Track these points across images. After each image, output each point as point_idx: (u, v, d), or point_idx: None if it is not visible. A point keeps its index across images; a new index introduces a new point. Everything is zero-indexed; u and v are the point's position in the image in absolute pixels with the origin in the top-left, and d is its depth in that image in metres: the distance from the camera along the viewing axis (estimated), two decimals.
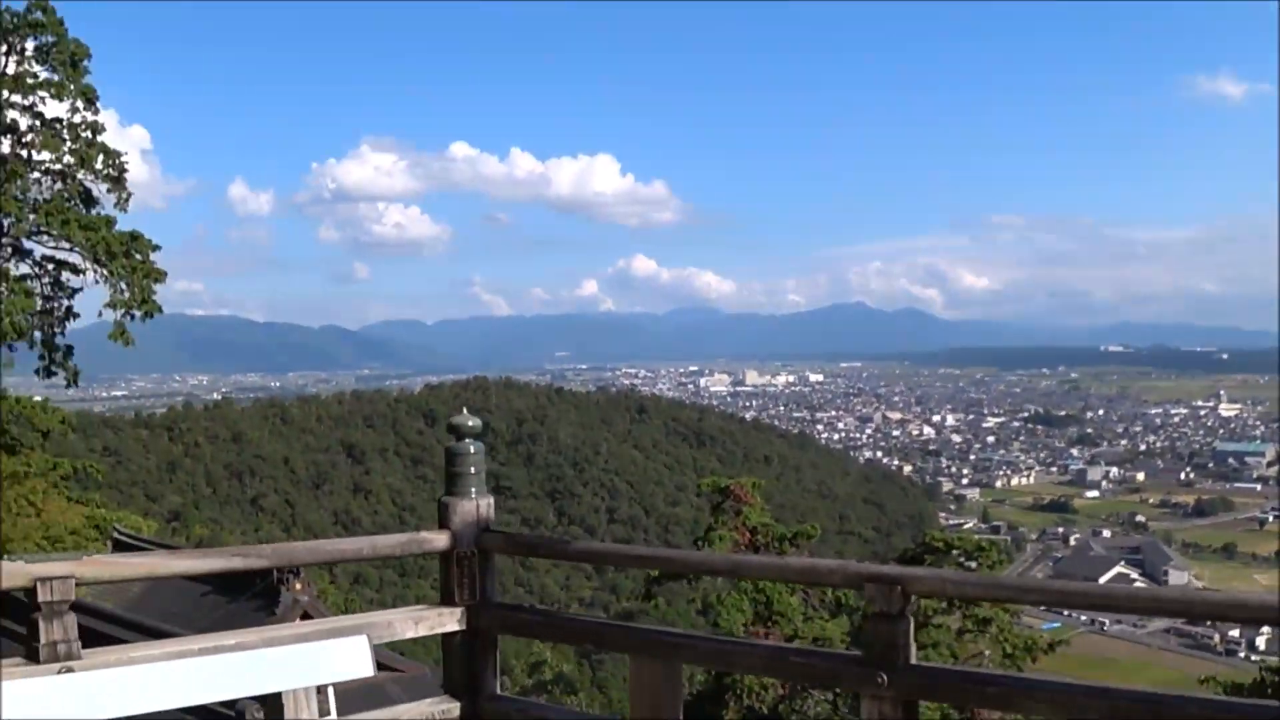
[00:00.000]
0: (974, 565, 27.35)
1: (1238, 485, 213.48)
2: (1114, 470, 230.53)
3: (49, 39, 37.60)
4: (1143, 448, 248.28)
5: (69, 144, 37.94)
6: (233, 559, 7.01)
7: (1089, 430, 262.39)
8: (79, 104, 38.29)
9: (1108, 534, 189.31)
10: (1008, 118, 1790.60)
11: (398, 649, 22.39)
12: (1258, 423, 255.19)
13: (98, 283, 38.35)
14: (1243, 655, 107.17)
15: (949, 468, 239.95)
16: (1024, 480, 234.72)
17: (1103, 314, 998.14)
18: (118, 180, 38.89)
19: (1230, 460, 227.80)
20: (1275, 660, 26.27)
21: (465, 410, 7.75)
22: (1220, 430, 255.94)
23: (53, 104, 37.85)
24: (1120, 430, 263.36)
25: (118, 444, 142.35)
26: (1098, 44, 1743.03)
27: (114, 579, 6.38)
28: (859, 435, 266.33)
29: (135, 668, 5.37)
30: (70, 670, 5.37)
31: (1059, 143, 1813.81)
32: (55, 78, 37.95)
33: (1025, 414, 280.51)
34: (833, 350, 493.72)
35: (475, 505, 7.59)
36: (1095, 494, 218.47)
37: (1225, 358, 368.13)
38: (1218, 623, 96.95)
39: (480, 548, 7.59)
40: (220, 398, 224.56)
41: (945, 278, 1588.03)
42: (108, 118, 39.57)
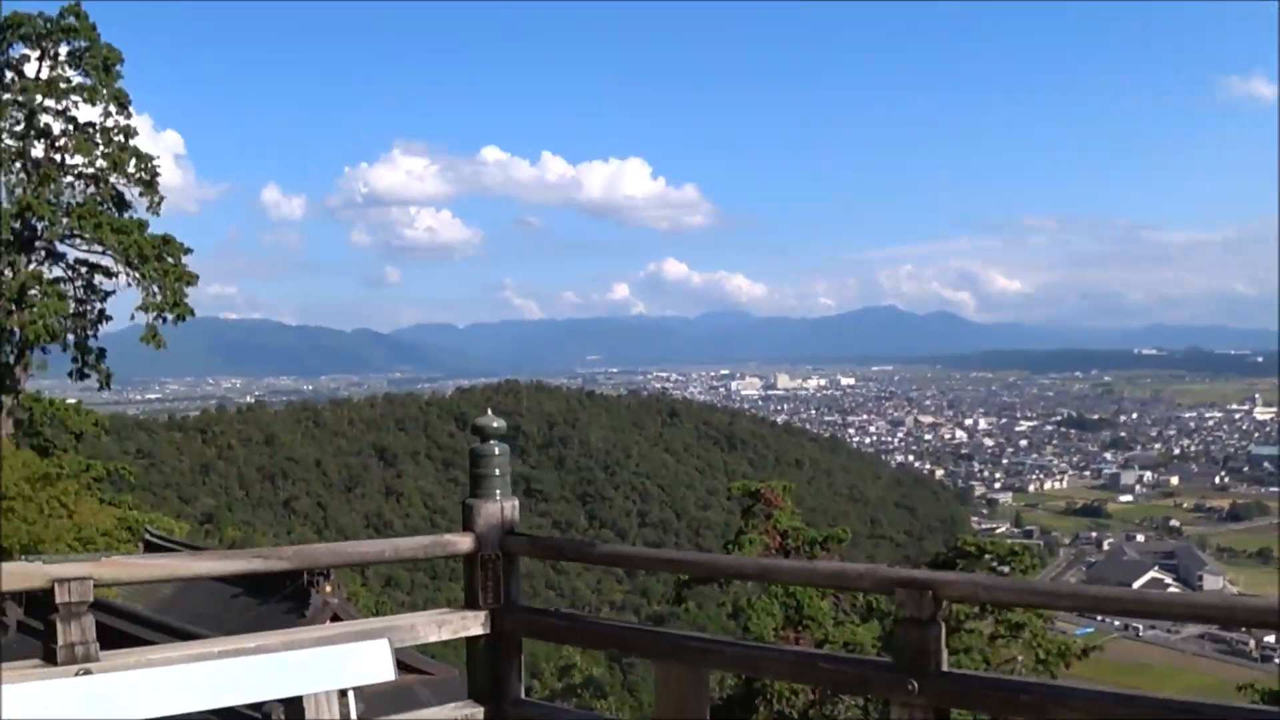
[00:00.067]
0: (1007, 570, 27.17)
1: (1273, 489, 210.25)
2: (1148, 474, 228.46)
3: (82, 44, 37.92)
4: (1177, 451, 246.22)
5: (101, 148, 38.23)
6: (253, 561, 6.95)
7: (1122, 434, 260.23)
8: (111, 108, 38.62)
9: (1141, 539, 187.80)
10: (1040, 120, 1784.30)
11: (428, 651, 22.34)
12: None
13: (130, 286, 38.68)
14: (1278, 661, 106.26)
15: (981, 472, 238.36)
16: (1057, 484, 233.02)
17: (1136, 316, 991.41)
18: (150, 184, 39.16)
19: (1265, 464, 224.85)
20: None
21: (490, 411, 7.69)
22: (1255, 434, 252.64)
23: (85, 108, 38.20)
24: (1154, 434, 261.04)
25: (151, 446, 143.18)
26: (1132, 46, 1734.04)
27: (132, 580, 6.35)
28: (890, 439, 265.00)
29: (153, 670, 5.33)
30: (88, 672, 5.33)
31: (1092, 145, 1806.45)
32: (88, 82, 38.28)
33: (1058, 418, 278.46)
34: (864, 353, 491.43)
35: (500, 507, 7.53)
36: (1129, 498, 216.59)
37: (1260, 360, 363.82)
38: (1253, 629, 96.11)
39: (505, 551, 7.52)
40: (253, 401, 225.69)
41: (977, 280, 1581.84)
42: (141, 123, 39.95)
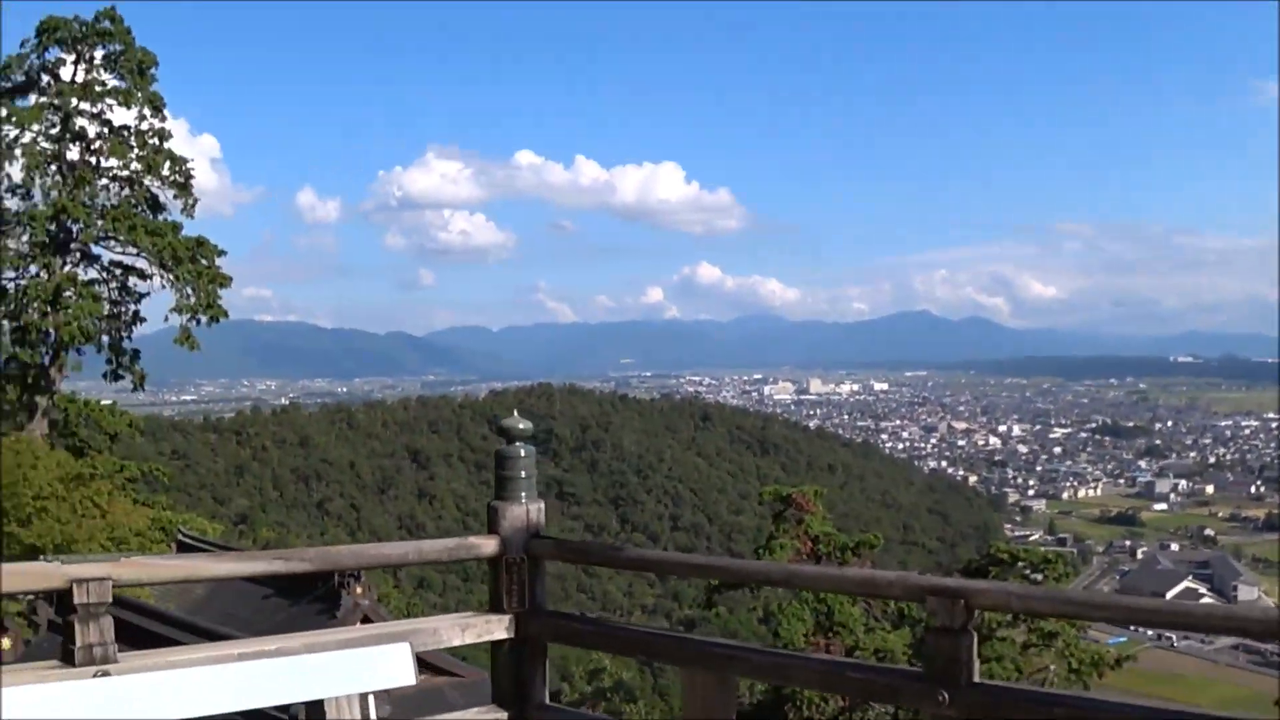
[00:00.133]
0: (1040, 578, 26.95)
1: None
2: (1183, 483, 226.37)
3: (116, 48, 38.22)
4: (1212, 460, 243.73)
5: (136, 150, 38.51)
6: (274, 562, 6.90)
7: (1157, 442, 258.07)
8: (146, 111, 38.91)
9: (1176, 547, 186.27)
10: (1075, 125, 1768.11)
11: (459, 653, 22.30)
12: None
13: (164, 288, 38.98)
14: None
15: (1015, 478, 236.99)
16: (1091, 492, 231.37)
17: (1171, 323, 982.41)
18: (184, 186, 39.42)
19: None
20: None
21: (515, 413, 7.61)
22: None
23: (120, 111, 38.51)
24: (1189, 442, 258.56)
25: (186, 447, 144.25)
26: (1168, 50, 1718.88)
27: (152, 581, 6.33)
28: (924, 445, 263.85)
29: (172, 672, 5.28)
30: (106, 674, 5.28)
31: (1127, 150, 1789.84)
32: (123, 85, 38.58)
33: (1092, 425, 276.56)
34: (898, 359, 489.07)
35: (525, 510, 7.45)
36: (1163, 507, 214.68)
37: None
38: None
39: (530, 554, 7.44)
40: (288, 403, 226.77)
41: (1012, 286, 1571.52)
42: (178, 127, 40.36)
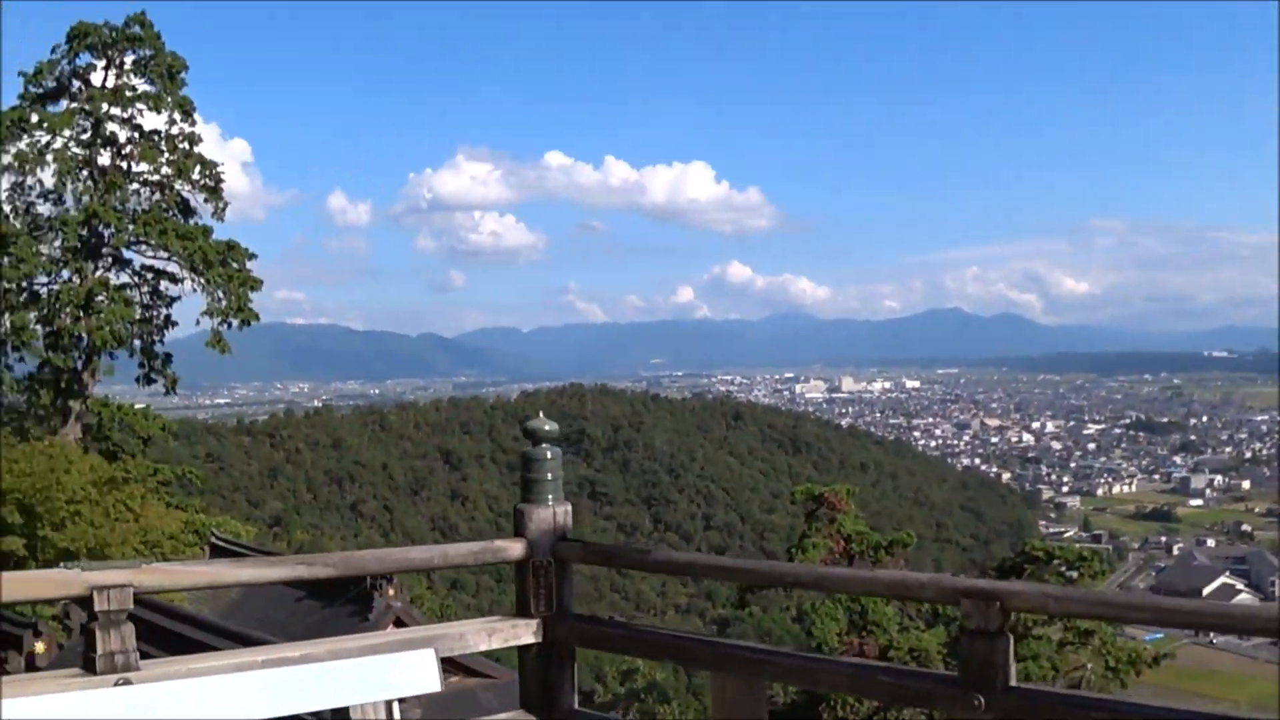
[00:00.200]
0: (1075, 575, 26.77)
1: None
2: (1218, 478, 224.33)
3: (146, 53, 38.43)
4: (1248, 455, 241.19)
5: (166, 155, 38.73)
6: (297, 568, 6.83)
7: (1192, 437, 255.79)
8: (176, 115, 39.14)
9: (1212, 543, 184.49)
10: (1106, 120, 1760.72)
11: (491, 654, 22.27)
12: None
13: (195, 291, 39.22)
14: None
15: (1049, 475, 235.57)
16: (1125, 488, 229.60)
17: (1205, 318, 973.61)
18: (214, 190, 39.63)
19: None
20: None
21: (541, 414, 7.53)
22: None
23: (151, 116, 38.75)
24: (1224, 437, 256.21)
25: (220, 450, 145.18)
26: (1199, 45, 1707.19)
27: (174, 588, 6.29)
28: (956, 442, 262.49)
29: (194, 680, 5.21)
30: (128, 682, 5.22)
31: (1159, 145, 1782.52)
32: (153, 90, 38.82)
33: (1127, 421, 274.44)
34: (929, 356, 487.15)
35: (552, 513, 7.35)
36: (1199, 502, 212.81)
37: None
38: None
39: (557, 557, 7.34)
40: (320, 405, 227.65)
41: (1044, 282, 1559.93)
42: (209, 132, 40.55)
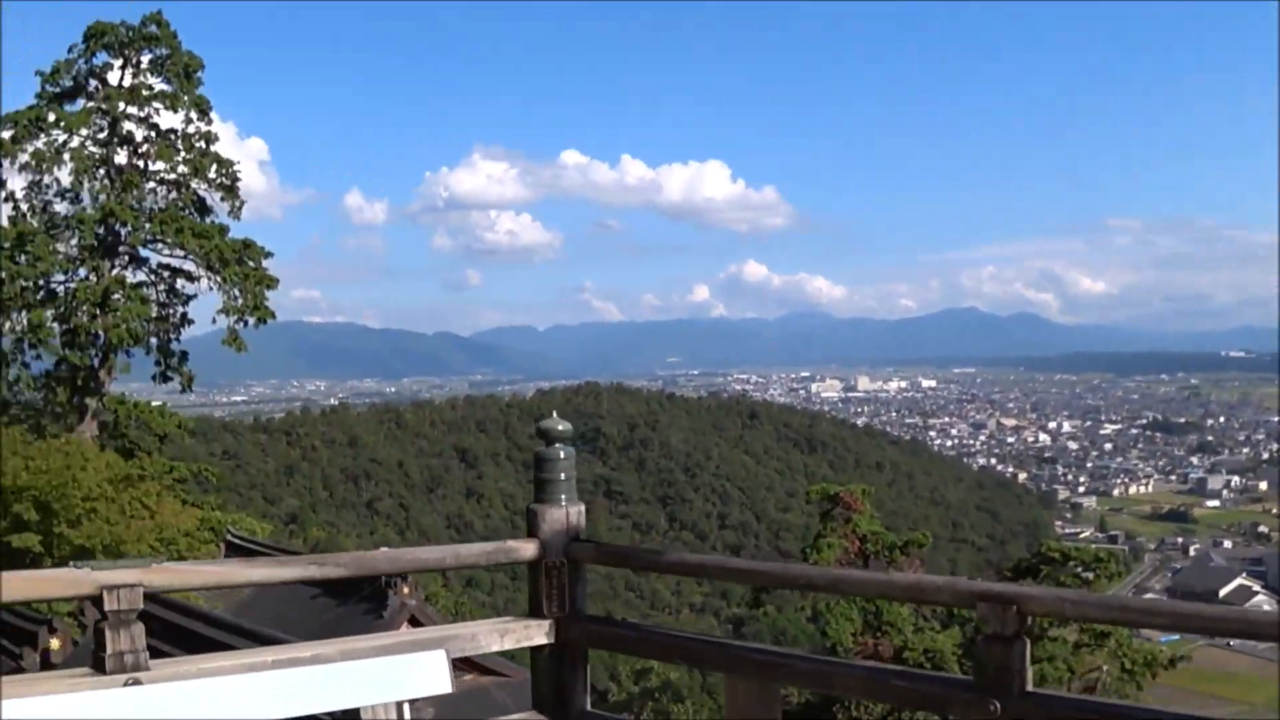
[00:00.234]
0: (1092, 576, 26.68)
1: None
2: (1235, 479, 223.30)
3: (163, 52, 38.56)
4: (1265, 456, 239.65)
5: (183, 154, 38.85)
6: (308, 568, 6.82)
7: (1209, 438, 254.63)
8: (193, 114, 39.25)
9: (1228, 544, 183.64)
10: (1123, 119, 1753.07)
11: (506, 653, 22.23)
12: None
13: (211, 290, 39.34)
14: None
15: (1065, 475, 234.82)
16: (1142, 489, 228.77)
17: (1223, 318, 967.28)
18: (230, 189, 39.72)
19: None
20: None
21: (555, 414, 7.50)
22: None
23: (167, 115, 38.89)
24: (1242, 438, 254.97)
25: (237, 448, 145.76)
26: (1215, 44, 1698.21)
27: (184, 587, 6.28)
28: (972, 442, 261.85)
29: (204, 680, 5.19)
30: (137, 682, 5.20)
31: (1176, 144, 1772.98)
32: (169, 89, 38.95)
33: (1143, 421, 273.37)
34: (946, 355, 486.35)
35: (565, 513, 7.33)
36: (1216, 503, 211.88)
37: None
38: None
39: (570, 557, 7.32)
40: (337, 403, 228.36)
41: (1061, 282, 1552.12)
42: (226, 131, 40.68)
